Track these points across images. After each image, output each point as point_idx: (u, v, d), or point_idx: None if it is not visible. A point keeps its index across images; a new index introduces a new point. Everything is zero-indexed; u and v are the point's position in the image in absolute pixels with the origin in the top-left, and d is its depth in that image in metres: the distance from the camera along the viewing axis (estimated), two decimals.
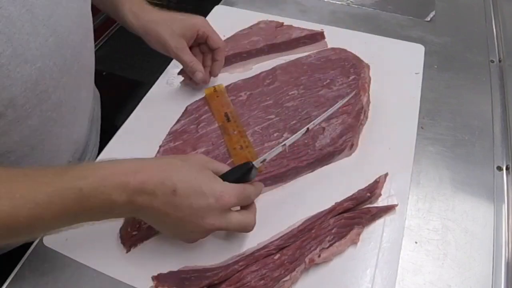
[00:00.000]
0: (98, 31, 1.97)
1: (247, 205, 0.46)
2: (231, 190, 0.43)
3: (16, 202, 0.34)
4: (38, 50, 0.42)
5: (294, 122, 0.58)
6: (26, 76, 0.42)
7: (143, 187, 0.38)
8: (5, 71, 0.39)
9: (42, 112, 0.46)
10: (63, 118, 0.51)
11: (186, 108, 0.63)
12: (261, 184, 0.48)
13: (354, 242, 0.49)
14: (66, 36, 0.46)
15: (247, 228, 0.45)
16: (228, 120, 0.59)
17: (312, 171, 0.57)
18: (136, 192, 0.38)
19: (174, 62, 0.73)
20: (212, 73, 0.66)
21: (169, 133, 0.59)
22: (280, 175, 0.54)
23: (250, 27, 0.77)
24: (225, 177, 0.44)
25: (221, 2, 0.88)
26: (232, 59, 0.71)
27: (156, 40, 0.61)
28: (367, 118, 0.62)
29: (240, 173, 0.45)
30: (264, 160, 0.46)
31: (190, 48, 0.63)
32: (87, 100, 0.59)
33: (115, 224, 0.50)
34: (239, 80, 0.66)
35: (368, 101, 0.63)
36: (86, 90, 0.57)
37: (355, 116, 0.59)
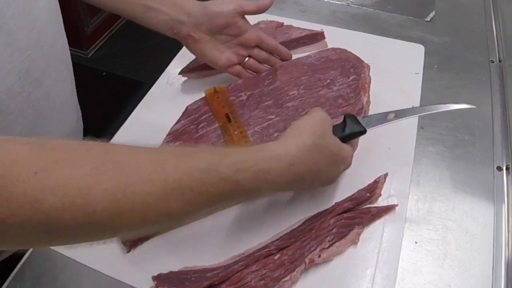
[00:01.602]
0: (98, 31, 1.97)
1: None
2: (351, 152, 0.49)
3: (169, 186, 0.33)
4: (25, 40, 0.45)
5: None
6: (19, 65, 0.45)
7: (295, 179, 0.42)
8: (2, 59, 0.42)
9: (37, 100, 0.49)
10: (54, 107, 0.53)
11: (186, 108, 0.63)
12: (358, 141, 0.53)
13: (354, 242, 0.49)
14: (46, 28, 0.49)
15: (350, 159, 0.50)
16: (229, 120, 0.59)
17: None
18: (289, 184, 0.42)
19: (174, 62, 0.74)
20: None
21: (169, 133, 0.59)
22: None
23: None
24: (336, 131, 0.48)
25: None
26: None
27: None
28: None
29: (352, 135, 0.50)
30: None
31: None
32: (71, 93, 0.61)
33: None
34: (239, 80, 0.66)
35: (368, 101, 0.63)
36: (69, 82, 0.59)
37: None
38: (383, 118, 0.51)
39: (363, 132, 0.49)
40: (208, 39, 0.60)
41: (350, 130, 0.49)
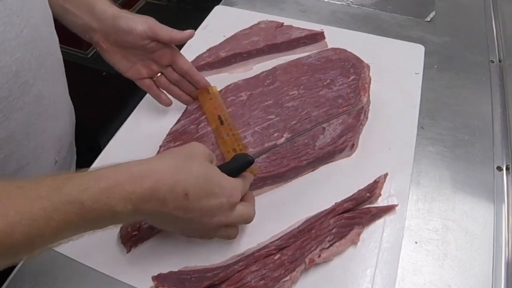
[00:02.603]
0: None
1: (245, 196, 0.47)
2: (238, 186, 0.44)
3: (10, 220, 0.32)
4: (15, 40, 0.43)
5: (294, 122, 0.58)
6: (7, 68, 0.42)
7: (152, 194, 0.37)
8: None
9: (25, 104, 0.47)
10: (45, 111, 0.51)
11: (186, 108, 0.63)
12: (251, 175, 0.49)
13: (354, 242, 0.49)
14: (39, 28, 0.47)
15: (250, 219, 0.46)
16: (222, 123, 0.58)
17: (313, 170, 0.57)
18: (143, 201, 0.37)
19: None
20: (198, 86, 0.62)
21: (169, 133, 0.59)
22: (280, 174, 0.54)
23: (250, 27, 0.77)
24: (223, 168, 0.45)
25: (221, 2, 0.88)
26: (232, 59, 0.71)
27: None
28: (367, 118, 0.62)
29: (240, 167, 0.47)
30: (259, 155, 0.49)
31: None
32: (64, 95, 0.59)
33: None
34: (239, 80, 0.66)
35: (368, 101, 0.63)
36: (62, 84, 0.57)
37: (355, 116, 0.59)
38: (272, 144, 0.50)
39: (251, 161, 0.47)
40: (117, 50, 0.57)
41: (236, 162, 0.47)
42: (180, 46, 0.72)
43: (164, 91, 0.62)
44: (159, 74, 0.60)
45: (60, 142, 0.58)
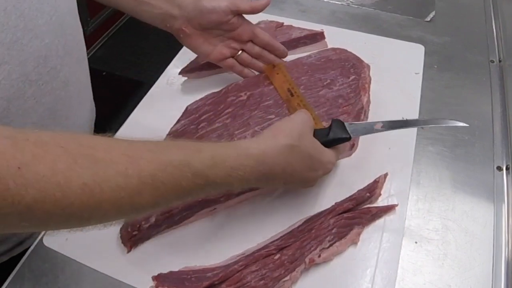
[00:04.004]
0: (98, 31, 1.97)
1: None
2: (333, 159, 0.49)
3: (143, 180, 0.34)
4: (45, 26, 0.45)
5: None
6: (37, 52, 0.44)
7: (267, 175, 0.42)
8: (20, 45, 0.42)
9: (53, 89, 0.48)
10: (70, 98, 0.52)
11: (186, 108, 0.63)
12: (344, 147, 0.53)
13: (354, 242, 0.49)
14: (66, 16, 0.49)
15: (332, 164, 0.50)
16: (292, 95, 0.60)
17: None
18: (257, 180, 0.42)
19: (174, 62, 0.74)
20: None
21: (169, 133, 0.59)
22: None
23: None
24: (321, 135, 0.48)
25: None
26: None
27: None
28: (367, 118, 0.62)
29: (337, 141, 0.49)
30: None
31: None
32: (87, 85, 0.61)
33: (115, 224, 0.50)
34: (239, 80, 0.66)
35: (368, 101, 0.63)
36: (85, 74, 0.58)
37: (355, 116, 0.59)
38: (370, 127, 0.51)
39: (348, 138, 0.49)
40: (199, 33, 0.59)
41: (334, 135, 0.48)
42: (179, 46, 0.72)
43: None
44: (240, 52, 0.63)
45: (83, 129, 0.59)
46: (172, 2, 0.57)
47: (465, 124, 0.51)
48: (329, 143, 0.48)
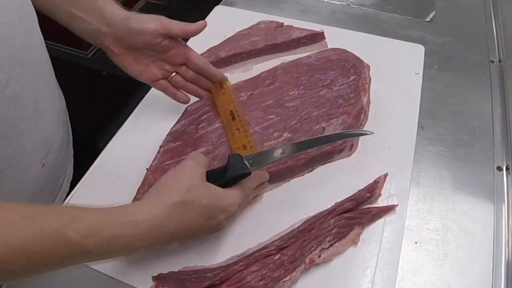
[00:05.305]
0: None
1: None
2: (236, 199, 0.45)
3: (12, 250, 0.33)
4: None
5: (294, 122, 0.58)
6: None
7: (158, 241, 0.40)
8: None
9: None
10: (23, 113, 0.48)
11: (186, 108, 0.63)
12: (264, 173, 0.50)
13: (354, 242, 0.49)
14: (12, 26, 0.44)
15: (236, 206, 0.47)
16: (233, 118, 0.58)
17: (311, 170, 0.57)
18: (147, 247, 0.39)
19: None
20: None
21: (169, 133, 0.59)
22: (277, 172, 0.54)
23: (250, 27, 0.77)
24: (219, 176, 0.45)
25: (221, 2, 0.88)
26: (232, 60, 0.71)
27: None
28: (367, 118, 0.62)
29: (237, 178, 0.46)
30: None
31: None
32: (49, 95, 0.55)
33: None
34: (239, 81, 0.66)
35: (368, 101, 0.63)
36: (45, 84, 0.54)
37: (355, 117, 0.59)
38: (270, 155, 0.48)
39: (248, 174, 0.46)
40: (128, 53, 0.56)
41: (231, 174, 0.45)
42: None
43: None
44: (173, 74, 0.60)
45: (47, 145, 0.55)
46: (102, 19, 0.54)
47: (371, 132, 0.52)
48: (228, 183, 0.45)
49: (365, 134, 0.52)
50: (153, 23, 0.53)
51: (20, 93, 0.47)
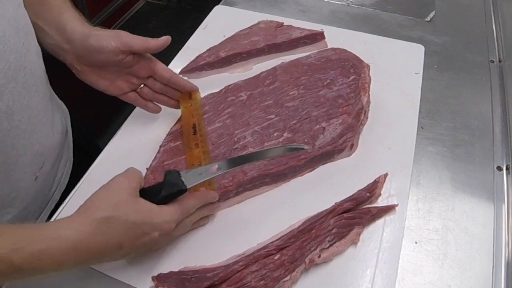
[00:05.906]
0: None
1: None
2: (171, 216, 0.44)
3: None
4: None
5: (294, 122, 0.58)
6: None
7: (86, 259, 0.40)
8: None
9: None
10: (17, 127, 0.48)
11: None
12: (212, 193, 0.49)
13: (354, 242, 0.49)
14: (7, 40, 0.44)
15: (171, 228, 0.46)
16: (194, 132, 0.56)
17: (311, 170, 0.57)
18: (76, 264, 0.39)
19: (174, 62, 0.73)
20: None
21: (169, 133, 0.59)
22: (278, 172, 0.54)
23: (250, 27, 0.77)
24: (155, 193, 0.44)
25: (221, 2, 0.88)
26: (232, 59, 0.71)
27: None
28: (367, 118, 0.62)
29: (172, 196, 0.45)
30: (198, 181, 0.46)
31: None
32: (44, 108, 0.54)
33: None
34: (239, 80, 0.66)
35: (368, 101, 0.63)
36: (39, 97, 0.52)
37: (355, 116, 0.59)
38: (207, 171, 0.46)
39: (184, 191, 0.45)
40: (91, 70, 0.54)
41: (166, 191, 0.44)
42: (179, 46, 0.72)
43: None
44: (141, 86, 0.58)
45: (41, 158, 0.54)
46: (62, 35, 0.52)
47: (307, 147, 0.52)
48: (165, 200, 0.44)
49: (302, 149, 0.51)
50: (113, 40, 0.51)
51: (14, 107, 0.46)
